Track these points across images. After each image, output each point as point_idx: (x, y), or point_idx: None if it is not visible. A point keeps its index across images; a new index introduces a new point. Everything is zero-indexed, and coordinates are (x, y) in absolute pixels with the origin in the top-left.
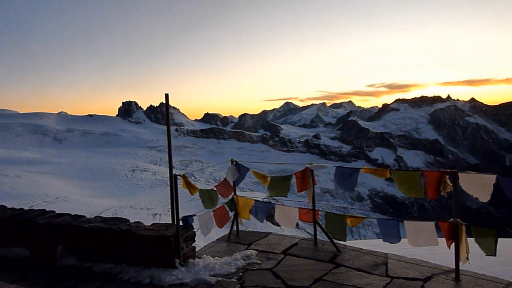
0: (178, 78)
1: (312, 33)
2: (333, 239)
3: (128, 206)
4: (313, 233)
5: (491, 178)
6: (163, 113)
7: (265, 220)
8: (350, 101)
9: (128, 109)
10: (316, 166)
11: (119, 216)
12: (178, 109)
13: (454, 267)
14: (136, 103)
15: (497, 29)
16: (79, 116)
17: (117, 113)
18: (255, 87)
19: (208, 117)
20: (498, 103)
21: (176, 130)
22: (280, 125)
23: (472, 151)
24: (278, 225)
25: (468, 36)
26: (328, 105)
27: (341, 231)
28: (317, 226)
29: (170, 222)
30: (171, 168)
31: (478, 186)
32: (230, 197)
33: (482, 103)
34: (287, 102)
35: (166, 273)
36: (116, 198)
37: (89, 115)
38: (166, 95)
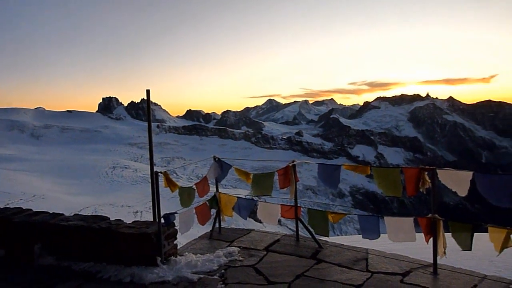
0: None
1: (294, 31)
2: (314, 235)
3: (109, 204)
4: (295, 229)
5: (468, 175)
6: (144, 109)
7: (247, 217)
8: (332, 98)
9: (108, 105)
10: (299, 163)
11: (99, 214)
12: (160, 105)
13: (432, 261)
14: (116, 99)
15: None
16: (57, 112)
17: (97, 109)
18: (238, 84)
19: (191, 114)
20: (475, 102)
21: (158, 126)
22: (262, 122)
23: (450, 148)
24: (260, 221)
25: (446, 36)
26: (310, 102)
27: (323, 227)
28: (299, 222)
29: (152, 220)
30: (152, 165)
31: (456, 182)
32: (213, 194)
33: (459, 101)
34: (270, 99)
35: (148, 271)
36: (96, 195)
37: (68, 111)
38: (148, 91)
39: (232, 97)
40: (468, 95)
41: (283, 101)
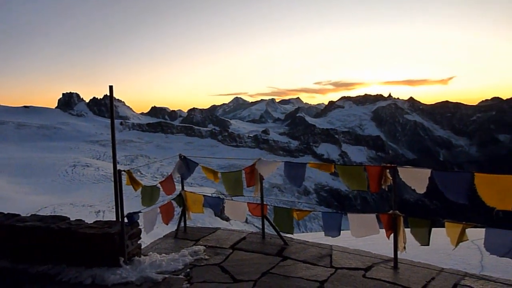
0: (123, 69)
1: (261, 30)
2: (280, 233)
3: (69, 204)
4: (261, 227)
5: (427, 172)
6: (107, 106)
7: (213, 216)
8: (298, 97)
9: (68, 101)
10: (267, 163)
11: (58, 214)
12: (123, 102)
13: (393, 256)
14: (77, 95)
15: (433, 33)
16: (13, 107)
17: (56, 105)
18: (205, 82)
19: (155, 111)
20: (433, 102)
21: (121, 123)
22: (229, 120)
23: (410, 147)
24: (227, 220)
25: (408, 38)
26: (277, 101)
27: (288, 224)
28: (265, 220)
29: (114, 220)
30: (115, 163)
31: (415, 179)
32: (178, 192)
33: (419, 102)
34: (236, 97)
35: (110, 272)
36: (55, 195)
37: (25, 107)
38: (110, 87)
39: (199, 94)
40: (428, 95)
41: (250, 100)
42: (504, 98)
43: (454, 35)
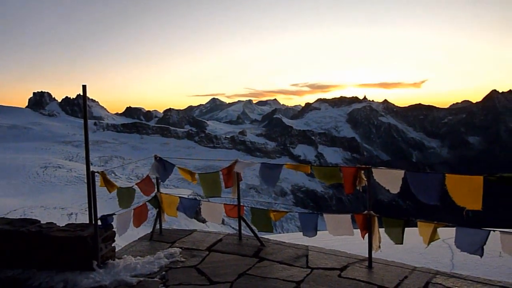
0: (98, 69)
1: (239, 31)
2: (257, 234)
3: (39, 206)
4: (238, 228)
5: (400, 173)
6: (80, 106)
7: (189, 217)
8: (275, 99)
9: (40, 101)
10: (245, 164)
11: (28, 217)
12: (97, 101)
13: (367, 255)
14: (49, 94)
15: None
16: None
17: (27, 104)
18: (181, 82)
19: (130, 111)
20: (407, 105)
21: (95, 124)
22: (206, 121)
23: (385, 148)
24: (203, 221)
25: (382, 42)
26: (254, 102)
27: (265, 225)
28: (241, 221)
29: (87, 222)
30: (88, 164)
31: (389, 180)
32: (153, 194)
33: (393, 104)
34: (213, 98)
35: (83, 276)
36: (25, 197)
37: None
38: (84, 86)
39: (175, 95)
40: (401, 98)
41: (227, 101)
42: (474, 102)
43: (427, 39)
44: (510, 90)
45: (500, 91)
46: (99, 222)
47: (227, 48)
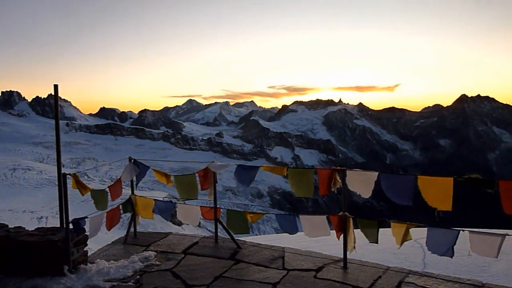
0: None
1: (215, 31)
2: (233, 236)
3: (7, 210)
4: (214, 231)
5: (374, 175)
6: (51, 106)
7: (165, 220)
8: (252, 101)
9: (8, 100)
10: (219, 165)
11: None
12: (70, 101)
13: (342, 256)
14: (19, 94)
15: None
16: None
17: None
18: (157, 83)
19: (104, 112)
20: (381, 108)
21: (67, 125)
22: (182, 123)
23: (359, 150)
24: (179, 224)
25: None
26: (231, 104)
27: (242, 227)
28: (218, 223)
29: (58, 226)
30: (59, 166)
31: (362, 182)
32: (127, 197)
33: (368, 107)
34: (190, 99)
35: (53, 282)
36: None
37: None
38: (55, 86)
39: (151, 96)
40: (375, 102)
41: (204, 102)
42: (445, 105)
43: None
44: (478, 95)
45: (469, 96)
46: (71, 226)
47: (204, 49)
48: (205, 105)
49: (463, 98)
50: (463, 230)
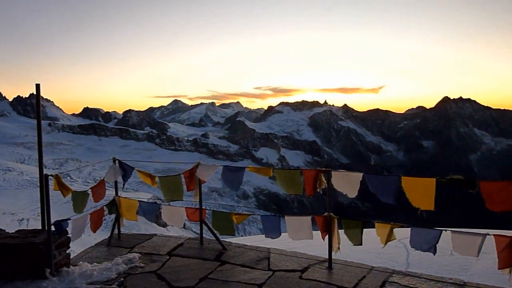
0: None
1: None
2: (219, 237)
3: None
4: (199, 232)
5: (359, 176)
6: (33, 105)
7: (149, 222)
8: (238, 102)
9: None
10: (207, 167)
11: None
12: (52, 101)
13: (327, 257)
14: None
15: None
16: None
17: None
18: (142, 83)
19: (88, 112)
20: (365, 110)
21: (50, 125)
22: (167, 123)
23: (344, 151)
24: (164, 226)
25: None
26: (217, 104)
27: (228, 228)
28: (203, 225)
29: (40, 228)
30: (41, 167)
31: (347, 182)
32: (111, 198)
33: (353, 109)
34: (175, 99)
35: (34, 285)
36: None
37: None
38: (37, 85)
39: (135, 96)
40: (360, 103)
41: (190, 102)
42: (428, 108)
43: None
44: (460, 97)
45: (452, 98)
46: (53, 228)
47: (190, 49)
48: (191, 105)
49: (445, 100)
50: (445, 230)
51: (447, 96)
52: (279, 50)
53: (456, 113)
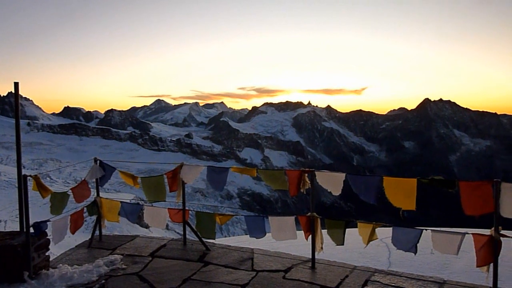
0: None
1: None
2: (202, 238)
3: None
4: (182, 233)
5: (341, 176)
6: (11, 104)
7: (132, 223)
8: (222, 102)
9: None
10: (191, 168)
11: None
12: (32, 100)
13: (311, 256)
14: None
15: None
16: None
17: None
18: (124, 82)
19: (68, 111)
20: (348, 111)
21: (29, 124)
22: (150, 123)
23: (327, 152)
24: (146, 227)
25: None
26: (201, 105)
27: (210, 229)
28: (186, 226)
29: (18, 230)
30: (20, 167)
31: (331, 182)
32: (93, 199)
33: (336, 110)
34: (158, 99)
35: None
36: None
37: None
38: (16, 84)
39: (118, 95)
40: (343, 104)
41: (173, 102)
42: (409, 109)
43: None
44: (440, 99)
45: (432, 100)
46: (32, 230)
47: (173, 49)
48: (174, 105)
49: (426, 102)
50: (426, 229)
51: (427, 98)
52: (264, 50)
53: (436, 115)
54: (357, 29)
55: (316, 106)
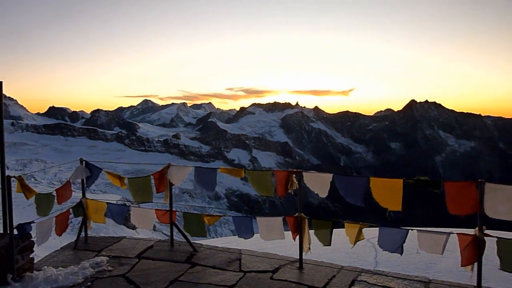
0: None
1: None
2: (189, 239)
3: None
4: (170, 234)
5: (329, 177)
6: None
7: (118, 224)
8: (210, 102)
9: None
10: (179, 168)
11: None
12: (16, 100)
13: (298, 257)
14: None
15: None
16: None
17: None
18: (111, 82)
19: (54, 111)
20: (336, 112)
21: (13, 124)
22: (137, 124)
23: (315, 153)
24: (133, 228)
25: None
26: (188, 105)
27: (199, 229)
28: (174, 227)
29: (2, 232)
30: (3, 168)
31: (318, 183)
32: (78, 200)
33: (323, 111)
34: (145, 99)
35: None
36: None
37: None
38: None
39: (104, 95)
40: (331, 105)
41: (160, 102)
42: (396, 110)
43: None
44: (426, 100)
45: (418, 101)
46: (15, 231)
47: (161, 49)
48: (161, 105)
49: (412, 103)
50: (411, 229)
51: (414, 99)
52: (252, 51)
53: (422, 116)
54: (345, 30)
55: (304, 107)
